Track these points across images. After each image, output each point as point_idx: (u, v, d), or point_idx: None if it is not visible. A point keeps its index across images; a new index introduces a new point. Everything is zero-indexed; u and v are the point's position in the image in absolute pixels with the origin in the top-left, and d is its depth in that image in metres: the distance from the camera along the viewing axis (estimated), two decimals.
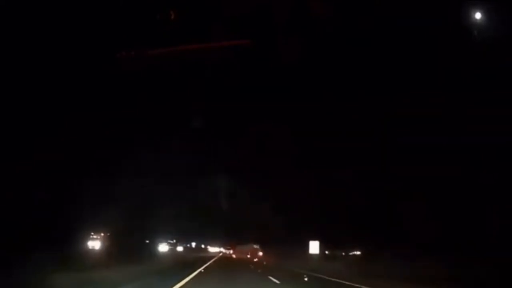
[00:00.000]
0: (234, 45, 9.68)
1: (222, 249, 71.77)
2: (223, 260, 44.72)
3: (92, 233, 25.95)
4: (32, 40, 10.54)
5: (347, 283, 16.34)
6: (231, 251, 70.28)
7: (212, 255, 49.62)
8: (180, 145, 28.18)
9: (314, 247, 42.00)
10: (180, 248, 52.63)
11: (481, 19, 8.27)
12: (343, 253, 40.46)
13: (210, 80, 16.34)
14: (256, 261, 45.37)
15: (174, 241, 49.93)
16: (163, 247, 41.34)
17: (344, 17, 10.95)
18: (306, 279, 18.73)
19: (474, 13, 8.32)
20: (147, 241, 35.99)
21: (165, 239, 44.02)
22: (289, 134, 27.66)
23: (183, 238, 60.82)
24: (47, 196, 15.00)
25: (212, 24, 9.96)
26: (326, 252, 42.73)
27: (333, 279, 18.34)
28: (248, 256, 58.89)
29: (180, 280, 13.73)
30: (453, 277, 14.79)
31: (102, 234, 27.14)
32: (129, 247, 23.91)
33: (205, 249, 67.25)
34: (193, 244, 69.62)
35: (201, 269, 22.39)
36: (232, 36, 9.63)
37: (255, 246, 62.20)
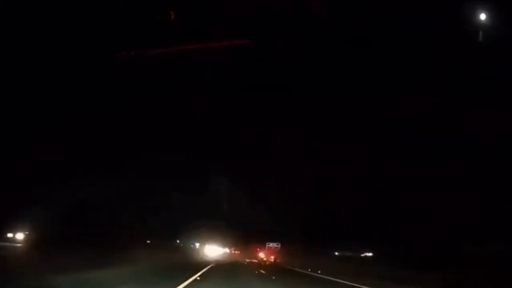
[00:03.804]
0: (234, 45, 9.68)
1: (226, 250, 63.13)
2: None
3: None
4: (32, 41, 10.54)
5: None
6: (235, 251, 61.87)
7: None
8: (179, 146, 28.23)
9: None
10: None
11: (481, 19, 8.27)
12: (354, 255, 39.52)
13: (210, 80, 16.33)
14: None
15: None
16: None
17: (344, 17, 10.94)
18: None
19: (474, 13, 8.32)
20: None
21: None
22: (290, 134, 27.63)
23: (187, 238, 56.88)
24: None
25: (212, 24, 9.96)
26: (336, 253, 41.79)
27: None
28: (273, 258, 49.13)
29: None
30: None
31: None
32: None
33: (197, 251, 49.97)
34: (197, 245, 60.72)
35: None
36: (232, 36, 9.62)
37: (276, 245, 52.11)
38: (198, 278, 14.42)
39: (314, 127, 26.19)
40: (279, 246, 52.25)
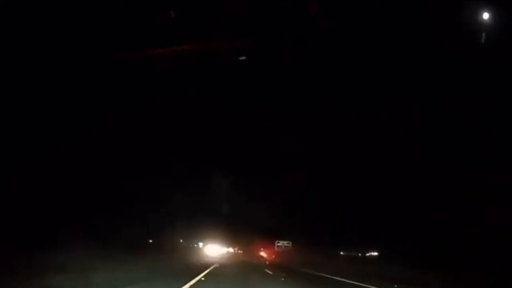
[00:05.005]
0: (234, 45, 9.64)
1: (230, 250, 60.41)
2: None
3: None
4: (31, 42, 10.50)
5: None
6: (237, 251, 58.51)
7: None
8: (181, 145, 28.25)
9: None
10: None
11: (483, 19, 8.23)
12: (359, 254, 38.98)
13: (210, 81, 16.30)
14: None
15: None
16: None
17: (345, 20, 10.88)
18: None
19: (477, 14, 8.29)
20: None
21: None
22: (294, 134, 27.60)
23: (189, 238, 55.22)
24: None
25: (212, 24, 9.90)
26: (341, 253, 41.08)
27: None
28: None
29: None
30: None
31: None
32: None
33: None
34: (200, 244, 56.60)
35: None
36: (232, 35, 9.58)
37: (286, 244, 47.32)
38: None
39: (318, 128, 26.19)
40: (290, 245, 46.44)
